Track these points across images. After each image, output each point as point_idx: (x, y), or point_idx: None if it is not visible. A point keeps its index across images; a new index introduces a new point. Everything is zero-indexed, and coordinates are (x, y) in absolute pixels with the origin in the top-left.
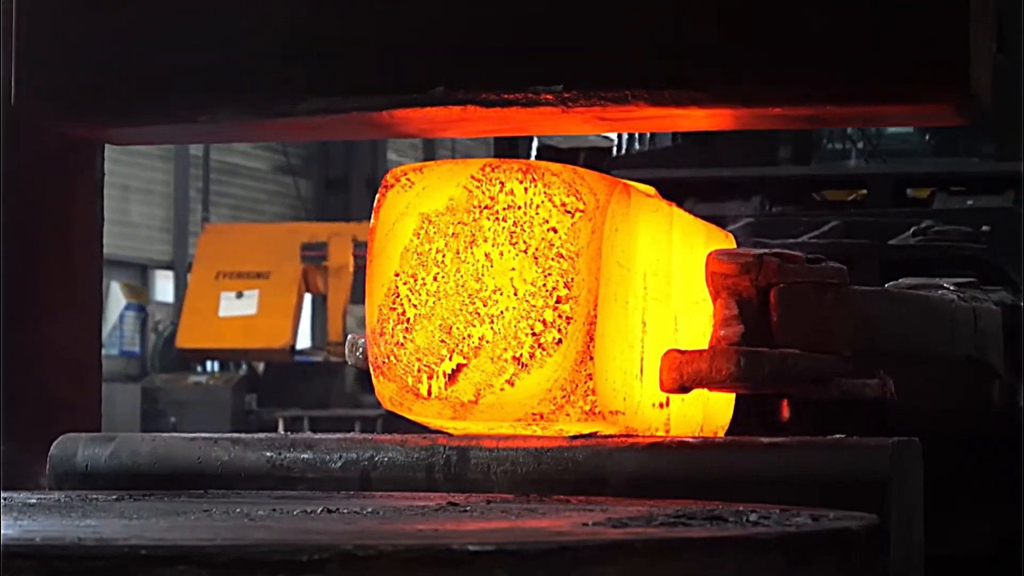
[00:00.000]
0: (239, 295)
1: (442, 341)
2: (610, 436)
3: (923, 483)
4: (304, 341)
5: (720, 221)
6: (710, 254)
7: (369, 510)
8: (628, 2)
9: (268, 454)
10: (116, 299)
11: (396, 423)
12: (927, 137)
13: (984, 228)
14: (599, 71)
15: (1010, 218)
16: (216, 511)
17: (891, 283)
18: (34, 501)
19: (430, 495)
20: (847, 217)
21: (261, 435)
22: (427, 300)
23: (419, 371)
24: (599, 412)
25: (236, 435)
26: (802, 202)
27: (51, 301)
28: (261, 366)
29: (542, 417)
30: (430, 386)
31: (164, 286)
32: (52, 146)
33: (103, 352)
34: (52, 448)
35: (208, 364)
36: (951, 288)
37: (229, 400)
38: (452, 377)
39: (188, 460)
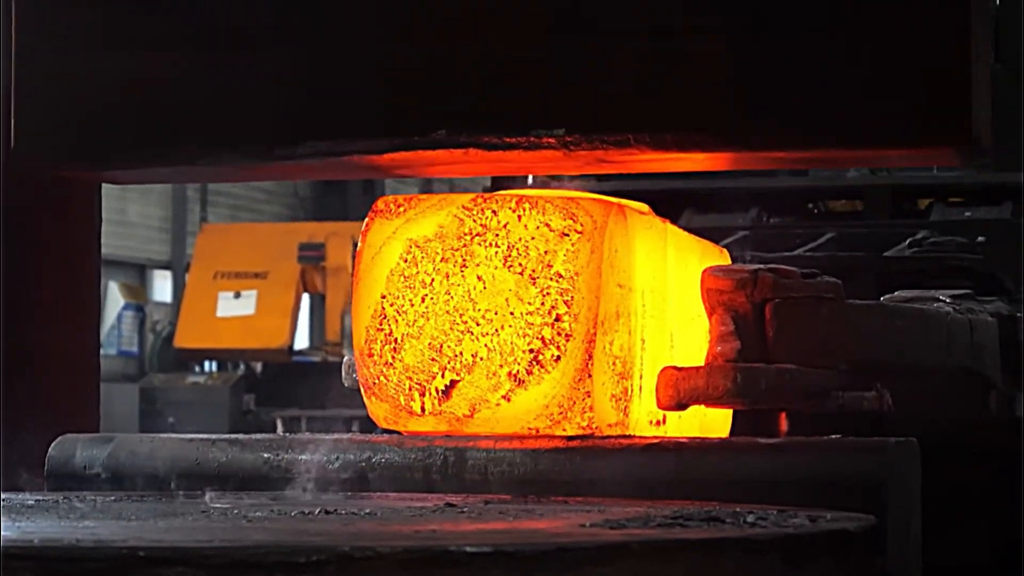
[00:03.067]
0: (237, 295)
1: (432, 359)
2: (607, 437)
3: (920, 486)
4: (302, 341)
5: (717, 233)
6: (705, 270)
7: (367, 511)
8: (629, 48)
9: (266, 455)
10: (114, 299)
11: None
12: None
13: (980, 239)
14: (601, 116)
15: (1008, 230)
16: (214, 512)
17: (886, 296)
18: (32, 502)
19: (427, 496)
20: (843, 229)
21: (259, 436)
22: (415, 320)
23: (410, 389)
24: (596, 428)
25: (234, 436)
26: (800, 213)
27: (49, 301)
28: (259, 366)
29: (538, 432)
30: (423, 403)
31: (162, 286)
32: None
33: (101, 352)
34: (50, 449)
35: (206, 364)
36: (947, 300)
37: (227, 400)
38: (446, 393)
39: (186, 461)
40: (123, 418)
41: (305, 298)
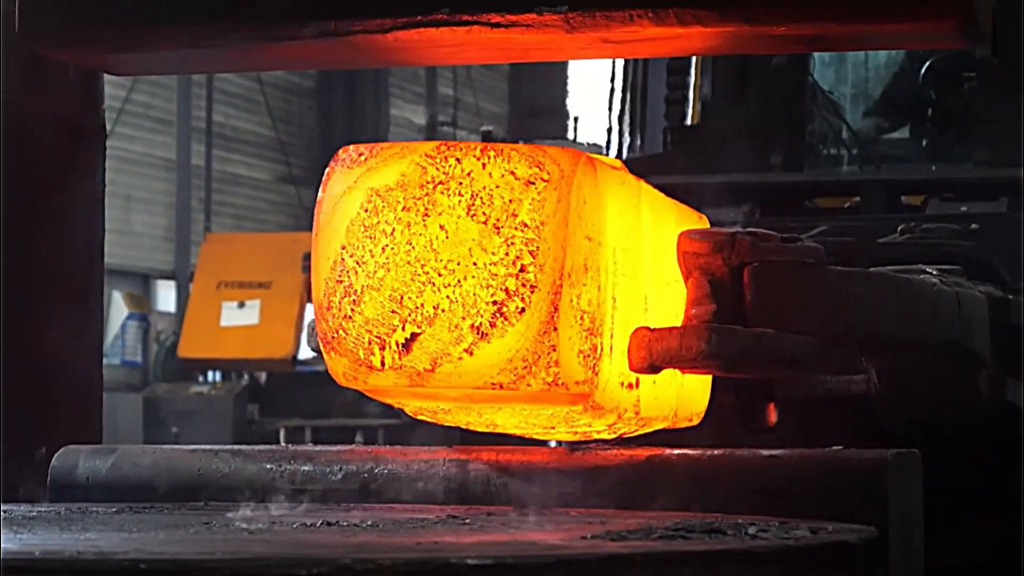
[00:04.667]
0: (241, 305)
1: (393, 311)
2: (609, 449)
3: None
4: (306, 351)
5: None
6: (681, 233)
7: (368, 523)
8: None
9: (268, 466)
10: (118, 309)
11: (399, 432)
12: (922, 143)
13: (973, 226)
14: None
15: (1004, 223)
16: (216, 524)
17: (872, 269)
18: (34, 514)
19: (430, 507)
20: (837, 223)
21: (262, 447)
22: (376, 271)
23: (370, 343)
24: (562, 383)
25: (237, 447)
26: (794, 209)
27: (52, 311)
28: (263, 376)
29: (502, 387)
30: (383, 357)
31: (166, 296)
32: (54, 155)
33: (105, 362)
34: (53, 460)
35: (210, 374)
36: (933, 273)
37: (231, 410)
38: (407, 347)
39: (189, 472)
40: (127, 428)
41: (309, 308)
